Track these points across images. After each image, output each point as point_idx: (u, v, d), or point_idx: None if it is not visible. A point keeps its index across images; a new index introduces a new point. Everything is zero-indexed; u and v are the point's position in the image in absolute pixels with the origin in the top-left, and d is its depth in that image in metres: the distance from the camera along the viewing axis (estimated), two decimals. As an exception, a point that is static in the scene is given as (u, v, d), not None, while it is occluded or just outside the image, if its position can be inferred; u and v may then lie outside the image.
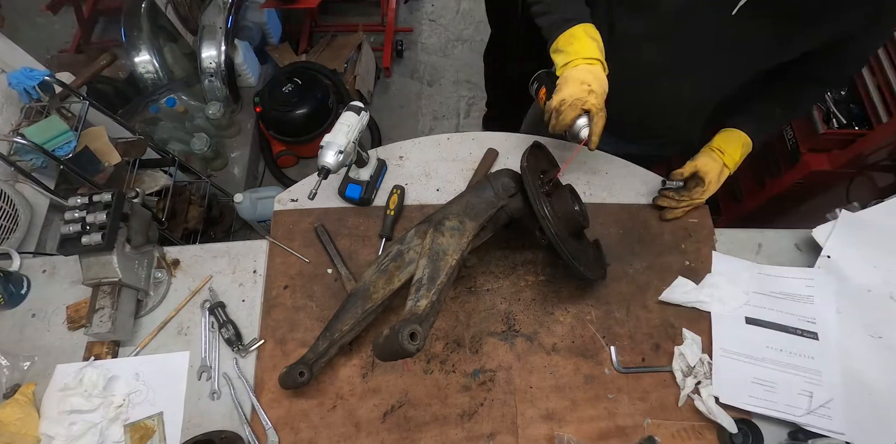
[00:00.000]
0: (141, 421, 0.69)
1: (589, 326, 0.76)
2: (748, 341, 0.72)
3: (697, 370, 0.70)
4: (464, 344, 0.75)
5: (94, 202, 0.74)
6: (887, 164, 1.04)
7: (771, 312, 0.74)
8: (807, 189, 1.15)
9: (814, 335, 0.72)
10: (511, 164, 0.91)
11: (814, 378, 0.69)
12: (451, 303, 0.78)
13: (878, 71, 0.97)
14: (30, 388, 0.71)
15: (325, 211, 0.87)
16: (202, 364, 0.74)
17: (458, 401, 0.71)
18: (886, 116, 0.95)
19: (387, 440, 0.69)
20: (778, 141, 1.17)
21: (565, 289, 0.79)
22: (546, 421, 0.70)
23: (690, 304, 0.76)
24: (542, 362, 0.74)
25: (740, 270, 0.78)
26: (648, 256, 0.81)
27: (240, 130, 1.86)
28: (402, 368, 0.73)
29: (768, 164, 1.21)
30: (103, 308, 0.72)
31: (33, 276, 0.83)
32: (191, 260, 0.84)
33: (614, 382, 0.72)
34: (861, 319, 0.72)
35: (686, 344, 0.73)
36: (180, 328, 0.78)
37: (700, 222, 0.84)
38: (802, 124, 1.08)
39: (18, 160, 1.06)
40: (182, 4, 1.82)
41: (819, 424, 0.66)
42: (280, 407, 0.71)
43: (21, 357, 0.75)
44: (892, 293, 0.73)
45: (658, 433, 0.68)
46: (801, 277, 0.76)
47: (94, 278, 0.72)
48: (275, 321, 0.77)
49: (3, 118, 1.11)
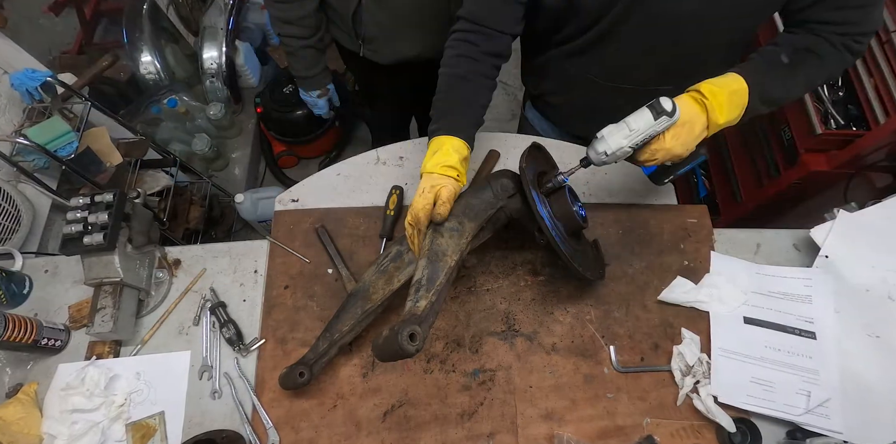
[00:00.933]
0: (142, 420, 0.70)
1: (588, 325, 0.77)
2: (747, 341, 0.73)
3: (696, 369, 0.71)
4: (464, 344, 0.76)
5: (96, 202, 0.75)
6: (885, 164, 1.05)
7: (769, 311, 0.75)
8: (805, 189, 1.15)
9: (812, 335, 0.72)
10: (511, 165, 0.92)
11: (812, 378, 0.69)
12: (451, 303, 0.79)
13: (875, 72, 0.98)
14: (32, 387, 0.71)
15: (325, 211, 0.87)
16: (203, 364, 0.74)
17: (458, 401, 0.71)
18: (884, 117, 0.95)
19: (387, 440, 0.69)
20: (776, 141, 1.18)
21: (565, 289, 0.79)
22: (546, 421, 0.70)
23: (689, 304, 0.77)
24: (542, 361, 0.74)
25: (739, 269, 0.79)
26: (647, 256, 0.82)
27: (241, 131, 1.86)
28: (403, 367, 0.74)
29: (767, 164, 1.22)
30: (105, 308, 0.72)
31: (35, 276, 0.83)
32: (192, 260, 0.84)
33: (614, 381, 0.72)
34: (859, 318, 0.72)
35: (685, 343, 0.73)
36: (181, 328, 0.78)
37: (699, 221, 0.85)
38: (800, 125, 1.09)
39: (21, 161, 1.06)
40: (183, 6, 1.83)
41: (817, 423, 0.66)
42: (281, 407, 0.71)
43: (23, 356, 0.75)
44: (889, 293, 0.74)
45: (657, 433, 0.68)
46: (799, 276, 0.76)
47: (95, 278, 0.73)
48: (275, 321, 0.78)
49: (6, 119, 1.11)
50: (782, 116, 1.14)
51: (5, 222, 1.00)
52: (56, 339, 0.74)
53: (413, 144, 0.95)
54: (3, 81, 1.11)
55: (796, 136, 1.10)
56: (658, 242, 0.83)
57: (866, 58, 1.00)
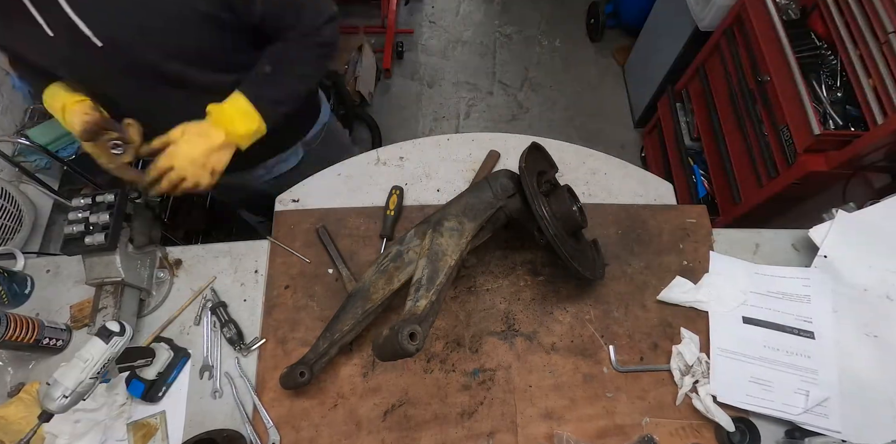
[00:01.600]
0: (144, 420, 0.70)
1: (588, 325, 0.77)
2: (745, 341, 0.73)
3: (695, 368, 0.71)
4: (464, 344, 0.76)
5: (98, 203, 0.75)
6: (883, 165, 1.05)
7: (768, 311, 0.75)
8: (803, 190, 1.16)
9: (810, 335, 0.73)
10: (511, 165, 0.92)
11: (810, 377, 0.70)
12: (450, 303, 0.79)
13: (874, 73, 0.98)
14: (34, 386, 0.71)
15: (326, 212, 0.88)
16: (204, 363, 0.75)
17: (457, 400, 0.72)
18: (882, 118, 0.96)
19: (387, 439, 0.69)
20: (775, 142, 1.18)
21: (564, 289, 0.80)
22: (545, 420, 0.70)
23: (688, 303, 0.77)
24: (542, 361, 0.74)
25: (738, 269, 0.79)
26: (646, 256, 0.82)
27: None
28: (403, 367, 0.74)
29: (766, 165, 1.22)
30: (106, 308, 0.72)
31: (37, 275, 0.83)
32: (193, 260, 0.84)
33: (613, 381, 0.73)
34: (857, 318, 0.73)
35: (684, 343, 0.73)
36: (182, 328, 0.78)
37: (698, 222, 0.85)
38: (799, 125, 1.09)
39: (23, 161, 1.07)
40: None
41: (816, 422, 0.66)
42: (281, 406, 0.71)
43: (25, 356, 0.75)
44: (888, 293, 0.74)
45: (656, 432, 0.69)
46: (797, 276, 0.77)
47: (97, 278, 0.73)
48: (276, 321, 0.78)
49: (8, 120, 1.12)
50: (781, 116, 1.15)
51: (7, 222, 1.01)
52: (57, 339, 0.75)
53: (413, 145, 0.95)
54: (6, 82, 1.12)
55: (795, 136, 1.10)
56: (657, 242, 0.83)
57: (864, 58, 1.00)
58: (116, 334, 0.61)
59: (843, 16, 1.05)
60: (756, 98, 1.24)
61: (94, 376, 0.58)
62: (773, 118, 1.18)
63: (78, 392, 0.57)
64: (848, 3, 1.03)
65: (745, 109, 1.27)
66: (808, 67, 1.10)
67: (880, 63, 0.97)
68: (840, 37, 1.05)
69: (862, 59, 1.01)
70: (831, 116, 1.05)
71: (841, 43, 1.05)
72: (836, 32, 1.06)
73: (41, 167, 1.11)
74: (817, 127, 1.03)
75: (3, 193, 1.02)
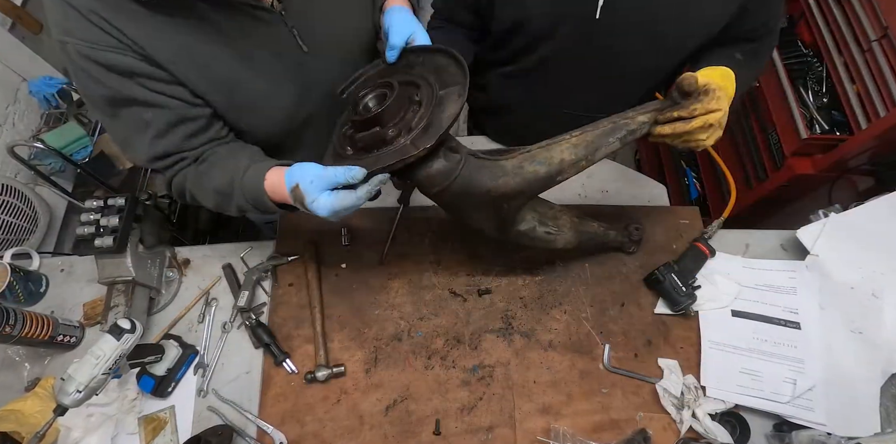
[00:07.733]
0: (154, 414, 0.72)
1: (584, 323, 0.79)
2: (735, 333, 0.75)
3: (687, 397, 0.70)
4: (463, 341, 0.78)
5: (109, 206, 0.76)
6: (867, 168, 1.08)
7: (756, 304, 0.77)
8: (791, 192, 1.19)
9: (796, 325, 0.75)
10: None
11: (797, 366, 0.72)
12: (451, 301, 0.81)
13: (857, 79, 1.01)
14: (49, 381, 0.73)
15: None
16: (199, 362, 0.76)
17: (457, 395, 0.73)
18: (866, 123, 0.99)
19: (389, 433, 0.71)
20: (764, 146, 1.22)
21: (561, 288, 0.82)
22: (542, 415, 0.72)
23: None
24: (539, 358, 0.76)
25: (728, 264, 0.81)
26: (641, 255, 0.85)
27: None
28: (404, 364, 0.76)
29: (755, 167, 1.25)
30: (118, 306, 0.74)
31: (52, 275, 0.85)
32: (201, 260, 0.87)
33: (608, 377, 0.75)
34: (843, 315, 0.75)
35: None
36: (191, 325, 0.81)
37: (690, 223, 0.88)
38: (787, 130, 1.12)
39: (38, 164, 1.09)
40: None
41: (802, 415, 0.68)
42: (286, 401, 0.73)
43: (41, 352, 0.77)
44: (874, 291, 0.76)
45: (650, 426, 0.70)
46: (784, 269, 0.79)
47: (108, 277, 0.75)
48: (281, 318, 0.80)
49: (24, 124, 1.15)
50: (770, 121, 1.18)
51: (23, 223, 1.03)
52: (71, 335, 0.77)
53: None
54: (22, 87, 1.15)
55: (783, 140, 1.13)
56: (651, 242, 0.86)
57: (849, 65, 1.04)
58: (127, 332, 0.63)
59: (828, 24, 1.09)
60: (746, 103, 1.27)
61: (107, 371, 0.60)
62: (762, 123, 1.21)
63: (91, 387, 0.59)
64: (833, 13, 1.07)
65: (735, 113, 1.31)
66: (795, 74, 1.13)
67: (864, 70, 1.00)
68: (825, 44, 1.09)
69: (846, 65, 1.04)
70: (818, 120, 1.08)
71: (826, 50, 1.09)
72: (822, 40, 1.10)
73: (56, 170, 1.14)
74: (804, 131, 1.07)
75: (20, 196, 1.04)
